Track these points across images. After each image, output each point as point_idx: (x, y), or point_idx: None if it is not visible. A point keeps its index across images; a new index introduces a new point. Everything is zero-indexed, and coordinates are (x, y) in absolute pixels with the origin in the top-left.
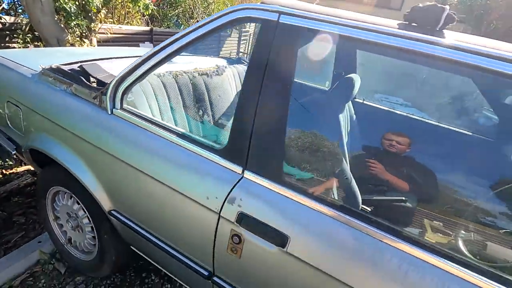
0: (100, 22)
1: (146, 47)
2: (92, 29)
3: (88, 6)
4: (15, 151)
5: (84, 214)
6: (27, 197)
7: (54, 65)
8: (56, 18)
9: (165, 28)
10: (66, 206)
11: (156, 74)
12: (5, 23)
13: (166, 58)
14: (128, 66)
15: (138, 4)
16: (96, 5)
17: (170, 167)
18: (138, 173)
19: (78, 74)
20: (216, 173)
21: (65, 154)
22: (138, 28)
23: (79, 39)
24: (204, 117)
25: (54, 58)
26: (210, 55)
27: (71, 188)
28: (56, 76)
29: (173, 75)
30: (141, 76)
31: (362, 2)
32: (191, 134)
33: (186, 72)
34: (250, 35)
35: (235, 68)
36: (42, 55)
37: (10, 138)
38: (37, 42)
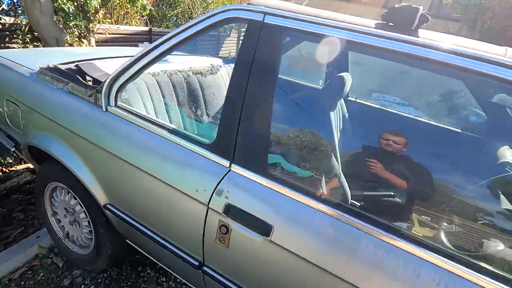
0: (98, 23)
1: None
2: (90, 29)
3: (86, 7)
4: (14, 148)
5: (81, 209)
6: (27, 194)
7: (51, 64)
8: (55, 19)
9: (164, 28)
10: (64, 201)
11: (150, 73)
12: (5, 24)
13: (158, 57)
14: (121, 65)
15: (136, 5)
16: (94, 5)
17: (162, 162)
18: (132, 167)
19: (74, 73)
20: (205, 166)
21: (61, 150)
22: (136, 28)
23: (78, 39)
24: (195, 113)
25: (52, 58)
26: (209, 55)
27: (68, 183)
28: (53, 75)
29: (167, 74)
30: (134, 74)
31: (361, 2)
32: (182, 130)
33: (180, 71)
34: None
35: (230, 67)
36: (40, 55)
37: (9, 135)
38: (36, 43)
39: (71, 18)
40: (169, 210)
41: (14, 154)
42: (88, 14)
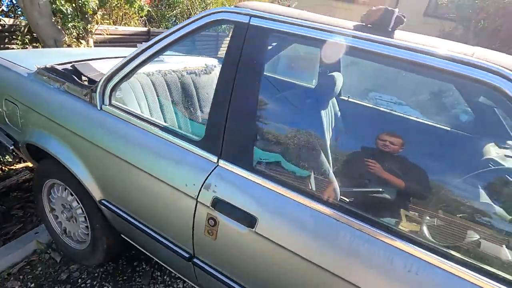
0: (96, 24)
1: None
2: (88, 30)
3: (84, 8)
4: (13, 147)
5: (77, 205)
6: (25, 192)
7: (48, 64)
8: (53, 20)
9: (163, 28)
10: (61, 198)
11: (145, 73)
12: (4, 25)
13: (150, 57)
14: (115, 65)
15: (134, 6)
16: (92, 7)
17: (154, 158)
18: (125, 164)
19: (70, 73)
20: (194, 162)
21: (58, 147)
22: (135, 29)
23: (76, 40)
24: (187, 111)
25: (50, 58)
26: (207, 55)
27: (65, 180)
28: (50, 75)
29: (162, 74)
30: (127, 74)
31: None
32: (173, 128)
33: (175, 71)
34: None
35: None
36: (38, 56)
37: (8, 134)
38: (35, 43)
39: (69, 19)
40: (160, 204)
41: (13, 153)
42: (86, 15)
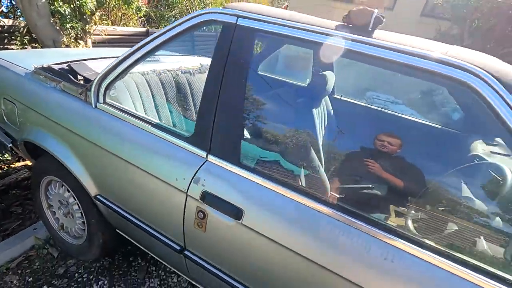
0: (95, 24)
1: None
2: (87, 31)
3: (82, 9)
4: (11, 144)
5: (74, 201)
6: (24, 190)
7: (45, 64)
8: (51, 21)
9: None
10: (58, 194)
11: (140, 72)
12: (4, 26)
13: (143, 57)
14: (109, 65)
15: (131, 6)
16: (90, 7)
17: (146, 154)
18: (119, 160)
19: (66, 72)
20: (184, 157)
21: (55, 145)
22: (134, 29)
23: (74, 41)
24: (180, 109)
25: (47, 58)
26: (206, 55)
27: (62, 176)
28: (47, 74)
29: (156, 73)
30: (121, 73)
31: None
32: (165, 124)
33: (170, 70)
34: None
35: None
36: (37, 56)
37: (6, 132)
38: (34, 44)
39: (68, 20)
40: (153, 199)
41: (12, 151)
42: (84, 16)
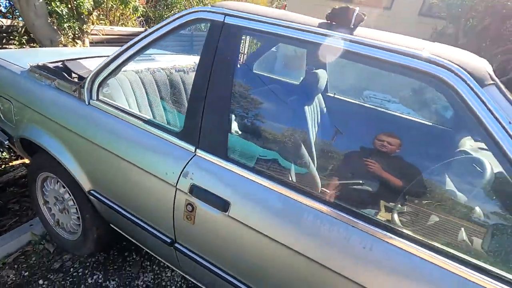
0: (92, 24)
1: None
2: (84, 30)
3: (79, 9)
4: (8, 141)
5: (69, 196)
6: (21, 187)
7: (40, 62)
8: (49, 21)
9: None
10: (54, 190)
11: (134, 70)
12: (2, 26)
13: (134, 55)
14: (102, 62)
15: (129, 6)
16: (87, 7)
17: (138, 149)
18: (111, 155)
19: (61, 70)
20: (174, 152)
21: (50, 141)
22: (131, 29)
23: (72, 40)
24: (171, 105)
25: (44, 57)
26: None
27: (57, 173)
28: (41, 72)
29: (150, 71)
30: (113, 70)
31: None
32: (156, 120)
33: (163, 68)
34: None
35: None
36: (33, 55)
37: (3, 130)
38: (32, 44)
39: (65, 20)
40: (144, 193)
41: (8, 148)
42: (81, 16)
